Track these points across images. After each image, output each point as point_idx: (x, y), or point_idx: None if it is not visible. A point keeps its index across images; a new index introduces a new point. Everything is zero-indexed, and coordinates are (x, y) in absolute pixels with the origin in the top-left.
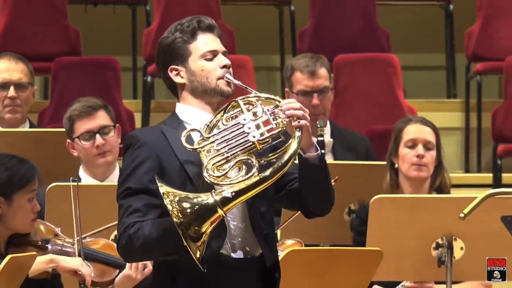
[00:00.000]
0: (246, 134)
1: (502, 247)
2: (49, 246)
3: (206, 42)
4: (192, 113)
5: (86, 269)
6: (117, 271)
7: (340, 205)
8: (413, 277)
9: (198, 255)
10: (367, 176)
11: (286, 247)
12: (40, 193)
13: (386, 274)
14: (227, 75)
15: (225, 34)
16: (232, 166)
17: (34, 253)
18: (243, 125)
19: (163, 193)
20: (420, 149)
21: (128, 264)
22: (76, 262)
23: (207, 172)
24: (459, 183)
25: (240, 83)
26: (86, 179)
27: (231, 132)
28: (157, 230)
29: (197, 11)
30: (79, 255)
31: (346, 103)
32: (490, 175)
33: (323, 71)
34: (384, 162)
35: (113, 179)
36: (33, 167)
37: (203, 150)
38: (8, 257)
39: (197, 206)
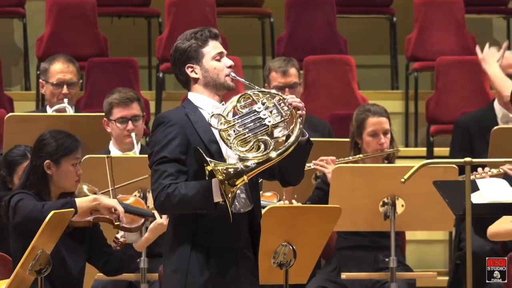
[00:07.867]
0: (263, 120)
1: (434, 204)
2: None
3: (215, 47)
4: (204, 101)
5: (121, 208)
6: (143, 219)
7: (308, 172)
8: (365, 228)
9: (229, 206)
10: (329, 150)
11: (265, 197)
12: None
13: (344, 225)
14: (232, 74)
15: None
16: (254, 143)
17: (72, 209)
18: (259, 112)
19: (209, 160)
20: (381, 138)
21: (163, 215)
22: (114, 201)
23: (234, 147)
24: (401, 155)
25: (243, 80)
26: (114, 151)
27: (248, 117)
28: (192, 190)
29: (198, 22)
30: None
31: (313, 94)
32: (425, 149)
33: (293, 71)
34: (343, 139)
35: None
36: (77, 140)
37: (226, 131)
38: (52, 212)
39: (233, 171)
